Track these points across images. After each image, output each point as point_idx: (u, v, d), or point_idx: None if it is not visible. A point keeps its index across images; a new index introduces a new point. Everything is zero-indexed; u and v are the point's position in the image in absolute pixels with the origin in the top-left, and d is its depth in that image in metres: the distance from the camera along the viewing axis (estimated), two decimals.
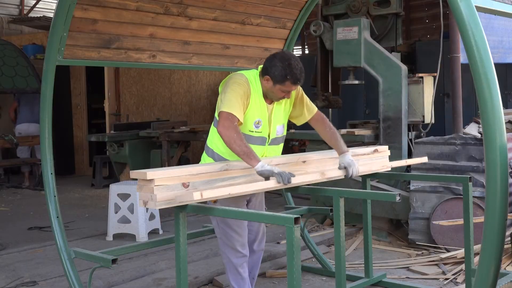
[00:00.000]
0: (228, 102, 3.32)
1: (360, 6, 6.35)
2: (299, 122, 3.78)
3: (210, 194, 2.89)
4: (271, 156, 3.56)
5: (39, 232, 6.31)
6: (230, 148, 3.26)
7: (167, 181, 2.94)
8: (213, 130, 3.60)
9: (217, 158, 3.54)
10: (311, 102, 3.77)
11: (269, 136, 3.55)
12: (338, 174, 3.61)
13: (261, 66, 3.53)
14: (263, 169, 3.16)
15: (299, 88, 3.66)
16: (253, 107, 3.43)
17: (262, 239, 3.89)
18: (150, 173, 2.90)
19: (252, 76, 3.49)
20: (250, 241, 3.77)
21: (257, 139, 3.48)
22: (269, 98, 3.51)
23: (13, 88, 9.84)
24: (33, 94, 9.98)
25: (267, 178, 3.19)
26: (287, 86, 3.40)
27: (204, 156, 3.65)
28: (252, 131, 3.45)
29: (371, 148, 4.25)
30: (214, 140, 3.58)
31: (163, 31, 4.30)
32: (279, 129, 3.61)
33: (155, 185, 2.88)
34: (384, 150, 4.33)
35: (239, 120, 3.32)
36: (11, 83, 9.74)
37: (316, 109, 3.77)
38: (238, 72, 3.54)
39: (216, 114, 3.51)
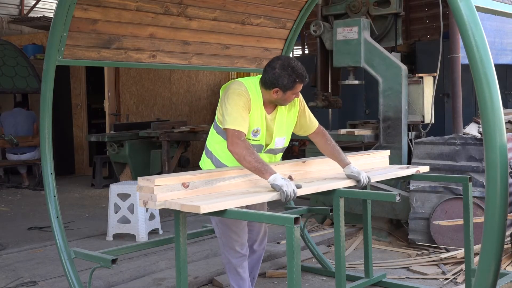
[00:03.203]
0: (231, 117, 3.27)
1: (360, 6, 6.35)
2: (299, 133, 3.76)
3: (215, 207, 2.81)
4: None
5: (39, 232, 6.32)
6: (242, 165, 3.22)
7: (167, 181, 2.94)
8: (212, 133, 3.59)
9: (214, 160, 3.55)
10: (313, 116, 3.73)
11: (266, 145, 3.53)
12: (346, 184, 3.52)
13: (259, 76, 3.47)
14: (274, 183, 3.08)
15: (303, 100, 3.65)
16: (253, 116, 3.40)
17: (263, 239, 3.89)
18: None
19: (252, 84, 3.44)
20: (251, 241, 3.78)
21: (253, 147, 3.46)
22: (278, 104, 3.48)
23: (13, 88, 9.84)
24: (13, 110, 9.98)
25: (274, 189, 3.12)
26: (297, 88, 3.39)
27: (204, 156, 3.65)
28: (250, 139, 3.42)
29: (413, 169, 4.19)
30: (212, 142, 3.58)
31: (163, 31, 4.30)
32: (279, 141, 3.58)
33: (155, 185, 2.88)
34: (425, 169, 4.25)
35: (245, 134, 3.29)
36: (11, 83, 9.74)
37: (317, 123, 3.73)
38: (237, 80, 3.48)
39: (216, 118, 3.50)
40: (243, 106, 3.32)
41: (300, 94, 3.56)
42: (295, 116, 3.63)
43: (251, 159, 3.16)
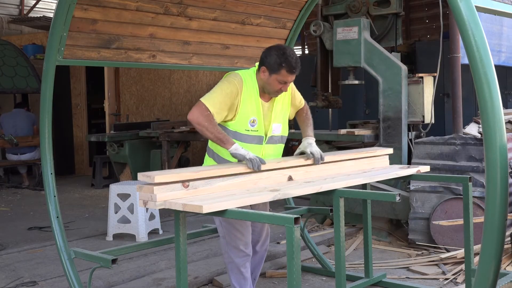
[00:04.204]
0: (210, 96, 3.39)
1: (360, 6, 6.35)
2: (291, 116, 3.86)
3: (217, 207, 2.80)
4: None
5: (39, 232, 6.31)
6: (204, 136, 3.37)
7: (168, 178, 2.93)
8: None
9: (217, 157, 3.55)
10: (300, 95, 3.84)
11: (266, 135, 3.55)
12: (347, 184, 3.53)
13: (255, 68, 3.54)
14: (236, 152, 3.28)
15: (292, 85, 3.68)
16: (247, 106, 3.43)
17: (266, 240, 3.88)
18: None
19: (248, 74, 3.51)
20: (253, 241, 3.77)
21: (253, 138, 3.48)
22: (266, 92, 3.51)
23: (13, 88, 9.85)
24: (13, 111, 9.96)
25: (240, 161, 3.30)
26: (283, 75, 3.39)
27: (206, 157, 3.67)
28: (248, 130, 3.46)
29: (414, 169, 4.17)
30: None
31: (163, 31, 4.30)
32: (276, 128, 3.60)
33: (155, 182, 2.88)
34: (426, 169, 4.23)
35: (213, 116, 3.36)
36: (11, 83, 9.75)
37: (304, 101, 3.87)
38: (234, 71, 3.55)
39: None
40: (227, 93, 3.39)
41: None
42: (289, 102, 3.70)
43: (213, 130, 3.32)
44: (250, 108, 3.45)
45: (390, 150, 4.42)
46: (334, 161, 3.87)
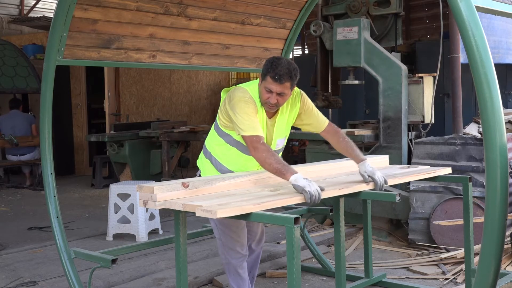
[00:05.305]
0: (245, 125, 3.25)
1: (360, 6, 6.35)
2: (305, 130, 3.71)
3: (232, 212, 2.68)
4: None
5: (39, 232, 6.31)
6: (264, 168, 3.23)
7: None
8: (212, 134, 3.58)
9: (214, 161, 3.55)
10: (322, 115, 3.66)
11: None
12: (365, 188, 3.40)
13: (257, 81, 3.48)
14: (296, 183, 3.00)
15: (307, 101, 3.58)
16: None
17: (261, 238, 3.89)
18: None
19: (254, 90, 3.41)
20: (249, 240, 3.78)
21: None
22: (262, 103, 3.43)
23: (13, 88, 9.84)
24: (10, 112, 9.94)
25: (298, 192, 3.02)
26: (268, 82, 3.28)
27: (202, 157, 3.64)
28: None
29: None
30: (212, 144, 3.57)
31: (163, 31, 4.30)
32: (280, 142, 3.58)
33: (155, 185, 2.88)
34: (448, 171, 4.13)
35: (263, 137, 3.27)
36: (11, 83, 9.74)
37: (327, 121, 3.65)
38: (240, 87, 3.44)
39: (218, 120, 3.49)
40: (252, 112, 3.30)
41: (304, 94, 3.57)
42: (295, 116, 3.59)
43: (271, 161, 3.14)
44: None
45: (448, 170, 4.20)
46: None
